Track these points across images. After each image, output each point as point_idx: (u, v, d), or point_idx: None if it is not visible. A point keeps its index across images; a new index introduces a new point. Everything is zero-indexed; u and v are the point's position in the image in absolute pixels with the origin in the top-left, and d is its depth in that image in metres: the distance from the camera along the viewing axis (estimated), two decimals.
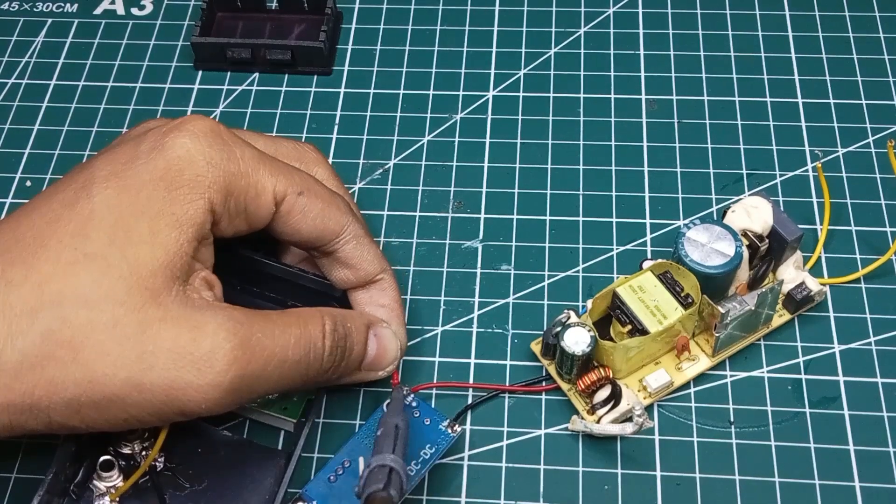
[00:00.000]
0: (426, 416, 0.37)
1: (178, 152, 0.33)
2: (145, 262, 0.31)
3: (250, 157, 0.35)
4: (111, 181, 0.33)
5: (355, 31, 0.53)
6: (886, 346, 0.41)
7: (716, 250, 0.38)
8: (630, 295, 0.38)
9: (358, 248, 0.37)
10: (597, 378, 0.38)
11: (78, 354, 0.31)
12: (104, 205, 0.32)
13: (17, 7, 0.56)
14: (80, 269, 0.31)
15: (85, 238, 0.32)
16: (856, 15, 0.52)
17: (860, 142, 0.47)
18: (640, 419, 0.37)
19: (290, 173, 0.36)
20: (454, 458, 0.39)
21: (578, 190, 0.46)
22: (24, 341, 0.30)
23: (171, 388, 0.31)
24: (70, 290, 0.31)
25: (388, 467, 0.31)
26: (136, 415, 0.32)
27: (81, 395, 0.31)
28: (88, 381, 0.31)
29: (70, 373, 0.31)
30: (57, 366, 0.31)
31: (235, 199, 0.34)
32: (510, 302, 0.43)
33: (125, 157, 0.34)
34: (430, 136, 0.49)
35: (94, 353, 0.31)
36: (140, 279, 0.31)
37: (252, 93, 0.51)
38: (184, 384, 0.31)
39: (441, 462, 0.38)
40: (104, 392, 0.31)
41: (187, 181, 0.33)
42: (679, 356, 0.40)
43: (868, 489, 0.37)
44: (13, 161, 0.49)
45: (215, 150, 0.34)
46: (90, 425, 0.32)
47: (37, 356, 0.31)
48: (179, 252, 0.32)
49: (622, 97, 0.50)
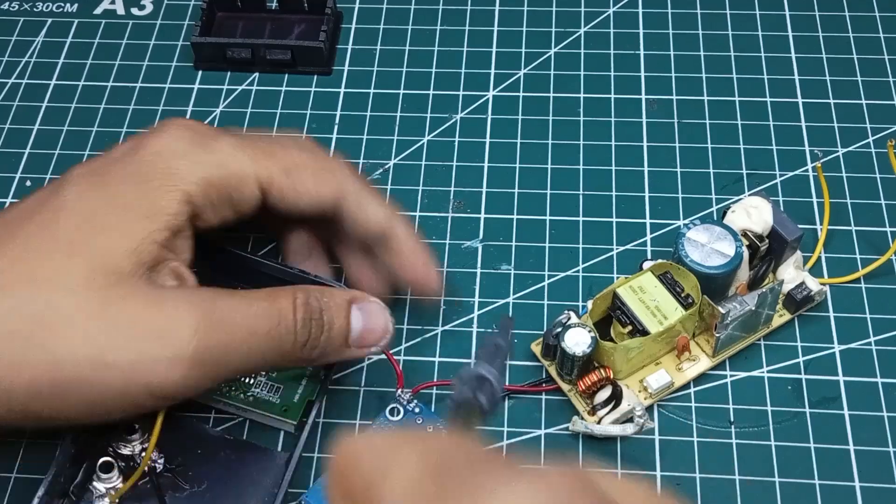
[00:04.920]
0: (428, 422, 0.37)
1: (155, 151, 0.34)
2: (112, 247, 0.32)
3: (229, 146, 0.35)
4: (85, 179, 0.34)
5: (355, 31, 0.53)
6: (886, 346, 0.41)
7: (716, 250, 0.38)
8: (630, 295, 0.38)
9: (360, 205, 0.37)
10: (597, 379, 0.38)
11: (40, 334, 0.31)
12: (75, 198, 0.33)
13: (17, 7, 0.56)
14: (46, 253, 0.32)
15: (54, 226, 0.32)
16: (856, 15, 0.52)
17: (860, 142, 0.47)
18: (640, 420, 0.37)
19: (273, 154, 0.36)
20: None
21: (578, 190, 0.46)
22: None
23: (134, 363, 0.31)
24: (35, 273, 0.31)
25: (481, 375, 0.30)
26: (100, 398, 0.31)
27: (43, 376, 0.31)
28: (50, 362, 0.31)
29: (32, 353, 0.31)
30: (18, 346, 0.31)
31: (217, 190, 0.34)
32: (510, 302, 0.43)
33: (100, 161, 0.35)
34: (430, 136, 0.49)
35: (57, 334, 0.31)
36: (105, 263, 0.32)
37: (252, 93, 0.51)
38: (148, 358, 0.31)
39: None
40: (67, 373, 0.31)
41: (160, 174, 0.33)
42: (679, 356, 0.40)
43: (868, 489, 0.37)
44: (13, 161, 0.49)
45: (191, 143, 0.34)
46: (53, 412, 0.32)
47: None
48: (148, 240, 0.33)
49: (622, 97, 0.50)
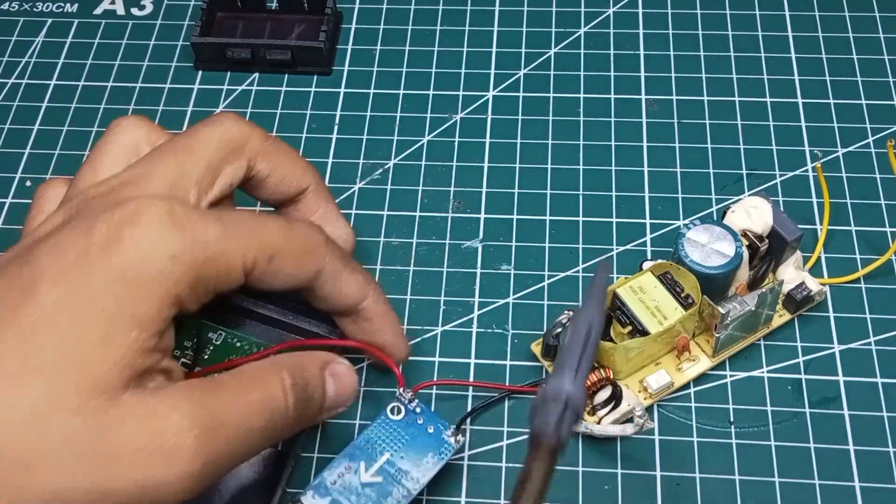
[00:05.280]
0: (429, 423, 0.37)
1: (136, 250, 0.30)
2: (100, 365, 0.29)
3: (215, 236, 0.32)
4: (60, 282, 0.30)
5: (355, 31, 0.53)
6: (886, 346, 0.41)
7: (716, 251, 0.38)
8: (630, 296, 0.38)
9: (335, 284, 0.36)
10: (597, 379, 0.38)
11: (33, 472, 0.28)
12: (53, 308, 0.29)
13: (17, 7, 0.56)
14: (28, 380, 0.29)
15: (32, 345, 0.29)
16: (856, 15, 0.52)
17: (860, 142, 0.47)
18: (640, 420, 0.37)
19: (257, 236, 0.33)
20: (454, 459, 0.38)
21: (578, 190, 0.46)
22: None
23: (140, 487, 0.29)
24: (18, 405, 0.28)
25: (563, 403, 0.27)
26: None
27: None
28: (49, 496, 0.29)
29: (27, 490, 0.29)
30: (11, 485, 0.28)
31: (204, 284, 0.32)
32: (510, 302, 0.43)
33: (74, 251, 0.30)
34: (430, 136, 0.49)
35: (51, 469, 0.28)
36: (95, 384, 0.29)
37: (252, 93, 0.51)
38: (154, 482, 0.29)
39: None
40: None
41: (149, 280, 0.30)
42: (679, 357, 0.40)
43: (868, 489, 0.37)
44: (13, 161, 0.49)
45: (177, 240, 0.31)
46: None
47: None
48: (140, 350, 0.30)
49: (622, 97, 0.50)
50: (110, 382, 0.29)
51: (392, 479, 0.36)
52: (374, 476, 0.36)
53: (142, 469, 0.29)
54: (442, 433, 0.37)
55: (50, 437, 0.28)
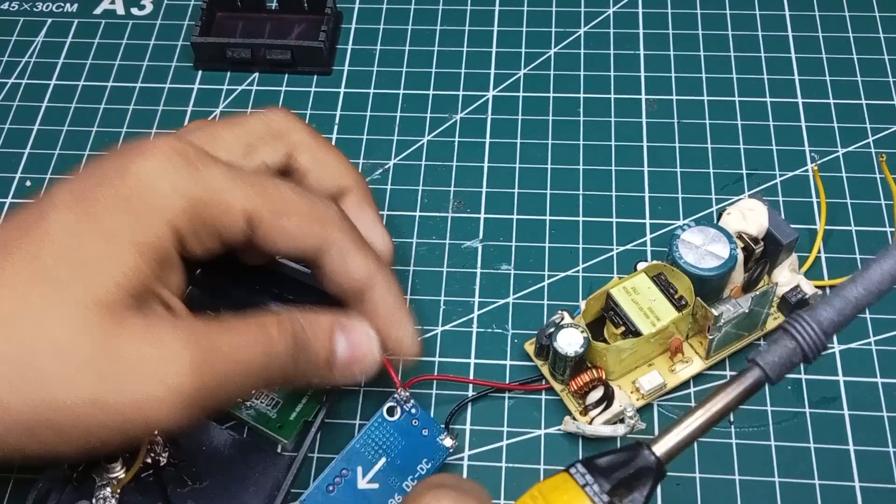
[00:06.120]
0: (424, 425, 0.37)
1: (141, 176, 0.32)
2: (102, 282, 0.31)
3: (219, 175, 0.33)
4: (71, 205, 0.32)
5: (355, 31, 0.53)
6: (886, 346, 0.41)
7: (710, 252, 0.38)
8: (624, 296, 0.38)
9: (343, 261, 0.36)
10: (589, 379, 0.38)
11: (32, 376, 0.30)
12: (61, 227, 0.31)
13: (17, 7, 0.56)
14: (34, 290, 0.30)
15: (40, 262, 0.31)
16: (856, 15, 0.52)
17: (860, 142, 0.47)
18: (631, 420, 0.37)
19: (264, 191, 0.34)
20: (454, 459, 0.39)
21: (578, 190, 0.46)
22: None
23: (134, 402, 0.30)
24: (23, 311, 0.30)
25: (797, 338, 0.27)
26: (98, 436, 0.31)
27: (39, 417, 0.30)
28: (48, 404, 0.30)
29: (24, 394, 0.30)
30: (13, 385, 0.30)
31: (204, 223, 0.33)
32: (510, 302, 0.43)
33: (87, 182, 0.33)
34: (430, 136, 0.49)
35: (52, 375, 0.30)
36: (96, 299, 0.30)
37: (252, 93, 0.51)
38: (147, 398, 0.30)
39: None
40: (65, 414, 0.30)
41: (150, 207, 0.32)
42: (672, 358, 0.40)
43: (868, 489, 0.37)
44: (13, 161, 0.49)
45: (181, 173, 0.33)
46: (48, 450, 0.31)
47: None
48: (138, 273, 0.31)
49: (622, 97, 0.50)
50: (112, 301, 0.31)
51: (388, 485, 0.36)
52: (370, 483, 0.36)
53: (138, 385, 0.30)
54: (436, 437, 0.37)
55: (53, 346, 0.30)
